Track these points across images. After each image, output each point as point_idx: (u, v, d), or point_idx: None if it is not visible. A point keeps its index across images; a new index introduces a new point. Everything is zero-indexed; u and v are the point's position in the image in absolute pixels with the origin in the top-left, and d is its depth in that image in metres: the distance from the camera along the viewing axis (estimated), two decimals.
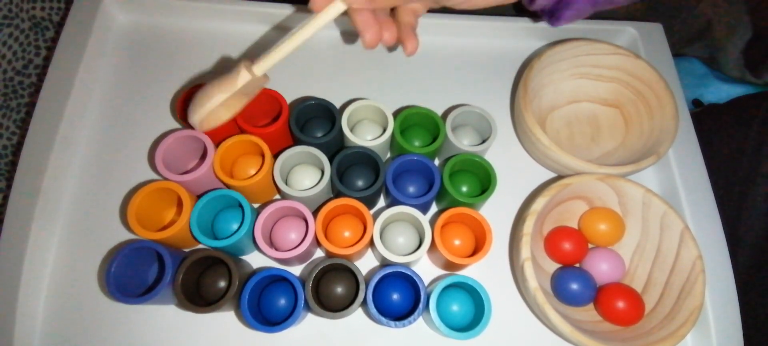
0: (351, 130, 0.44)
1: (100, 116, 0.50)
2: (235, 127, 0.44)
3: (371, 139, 0.44)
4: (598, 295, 0.43)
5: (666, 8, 0.62)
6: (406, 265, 0.39)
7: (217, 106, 0.37)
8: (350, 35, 0.56)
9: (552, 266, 0.45)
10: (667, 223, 0.43)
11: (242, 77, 0.36)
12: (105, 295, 0.42)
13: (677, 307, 0.40)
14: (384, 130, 0.44)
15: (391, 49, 0.53)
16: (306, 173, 0.43)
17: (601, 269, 0.44)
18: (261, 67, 0.36)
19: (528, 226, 0.40)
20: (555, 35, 0.56)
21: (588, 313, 0.43)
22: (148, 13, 0.55)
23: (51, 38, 0.60)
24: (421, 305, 0.37)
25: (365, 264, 0.45)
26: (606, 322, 0.42)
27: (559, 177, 0.49)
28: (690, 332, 0.39)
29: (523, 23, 0.55)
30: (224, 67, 0.47)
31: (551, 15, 0.45)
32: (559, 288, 0.42)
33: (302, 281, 0.38)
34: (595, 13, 0.58)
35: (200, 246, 0.43)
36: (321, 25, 0.35)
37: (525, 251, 0.39)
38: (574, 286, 0.42)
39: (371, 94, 0.50)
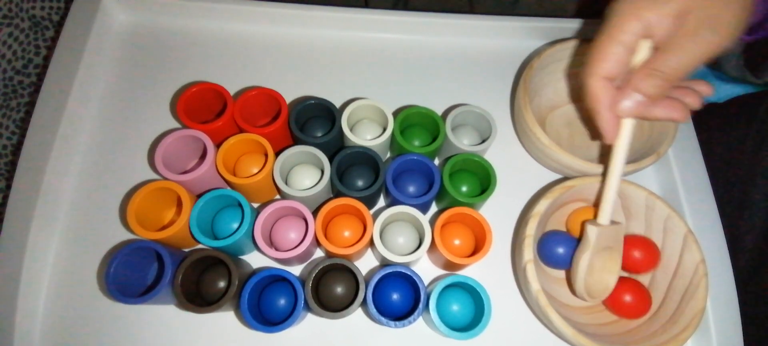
0: (351, 129, 0.44)
1: (100, 116, 0.50)
2: (235, 126, 0.44)
3: (371, 138, 0.43)
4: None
5: None
6: (406, 265, 0.39)
7: (587, 270, 0.40)
8: (350, 35, 0.56)
9: (553, 270, 0.45)
10: (670, 226, 0.43)
11: (591, 232, 0.39)
12: (105, 295, 0.42)
13: (679, 311, 0.40)
14: (384, 130, 0.44)
15: None
16: (306, 173, 0.43)
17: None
18: (603, 216, 0.40)
19: (530, 228, 0.40)
20: (555, 35, 0.56)
21: (590, 316, 0.43)
22: (148, 13, 0.55)
23: (51, 38, 0.60)
24: (421, 305, 0.37)
25: (365, 264, 0.45)
26: (608, 325, 0.42)
27: (562, 178, 0.49)
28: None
29: (523, 23, 0.55)
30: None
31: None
32: (545, 252, 0.42)
33: (302, 281, 0.38)
34: (595, 13, 0.58)
35: (200, 246, 0.43)
36: (625, 148, 0.38)
37: (527, 254, 0.39)
38: (560, 250, 0.42)
39: (371, 94, 0.50)
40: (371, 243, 0.41)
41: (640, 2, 0.34)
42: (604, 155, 0.50)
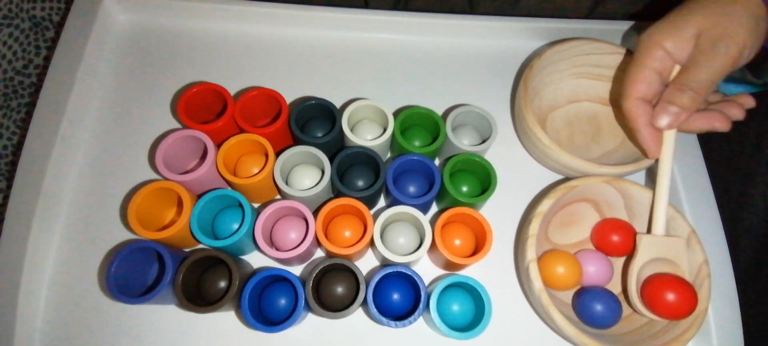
0: (351, 130, 0.44)
1: (100, 116, 0.50)
2: (235, 127, 0.44)
3: (371, 139, 0.44)
4: (645, 290, 0.40)
5: (666, 8, 0.62)
6: (407, 265, 0.39)
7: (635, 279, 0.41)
8: (350, 35, 0.56)
9: None
10: (674, 227, 0.42)
11: (640, 241, 0.41)
12: (105, 295, 0.42)
13: None
14: (384, 130, 0.44)
15: None
16: (306, 173, 0.43)
17: (588, 271, 0.43)
18: (656, 227, 0.42)
19: (533, 227, 0.40)
20: (555, 35, 0.56)
21: None
22: (148, 13, 0.55)
23: (51, 38, 0.60)
24: (421, 305, 0.37)
25: (365, 264, 0.45)
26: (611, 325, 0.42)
27: (563, 179, 0.49)
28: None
29: (523, 23, 0.55)
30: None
31: None
32: (582, 310, 0.42)
33: (302, 280, 0.38)
34: (595, 13, 0.58)
35: (200, 246, 0.43)
36: (670, 161, 0.41)
37: (530, 253, 0.39)
38: (598, 307, 0.41)
39: (371, 94, 0.50)
40: (372, 243, 0.41)
41: (660, 34, 0.40)
42: (605, 156, 0.50)
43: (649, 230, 0.42)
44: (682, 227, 0.42)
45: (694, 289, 0.39)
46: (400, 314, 0.39)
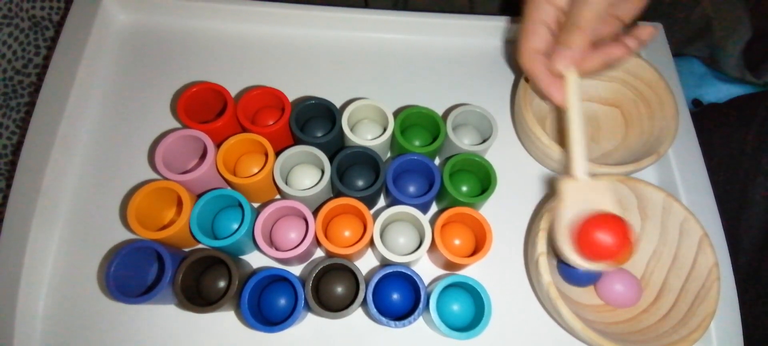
0: (351, 129, 0.44)
1: (100, 116, 0.50)
2: (237, 126, 0.44)
3: (371, 138, 0.44)
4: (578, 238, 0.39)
5: (666, 8, 0.63)
6: (406, 265, 0.39)
7: (564, 226, 0.39)
8: (350, 35, 0.56)
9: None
10: (687, 229, 0.42)
11: (562, 185, 0.40)
12: (105, 295, 0.42)
13: (691, 313, 0.40)
14: (384, 130, 0.44)
15: None
16: (306, 173, 0.43)
17: (616, 290, 0.43)
18: (577, 169, 0.40)
19: (545, 221, 0.40)
20: None
21: (600, 314, 0.43)
22: (148, 13, 0.55)
23: (51, 38, 0.60)
24: (421, 305, 0.37)
25: (365, 264, 0.45)
26: (617, 324, 0.42)
27: None
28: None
29: None
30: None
31: None
32: (564, 267, 0.42)
33: (302, 280, 0.38)
34: None
35: (200, 246, 0.43)
36: (577, 104, 0.41)
37: (541, 246, 0.39)
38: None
39: (371, 94, 0.50)
40: (371, 243, 0.41)
41: None
42: (605, 156, 0.50)
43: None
44: (695, 229, 0.42)
45: (626, 224, 0.37)
46: (399, 314, 0.39)
